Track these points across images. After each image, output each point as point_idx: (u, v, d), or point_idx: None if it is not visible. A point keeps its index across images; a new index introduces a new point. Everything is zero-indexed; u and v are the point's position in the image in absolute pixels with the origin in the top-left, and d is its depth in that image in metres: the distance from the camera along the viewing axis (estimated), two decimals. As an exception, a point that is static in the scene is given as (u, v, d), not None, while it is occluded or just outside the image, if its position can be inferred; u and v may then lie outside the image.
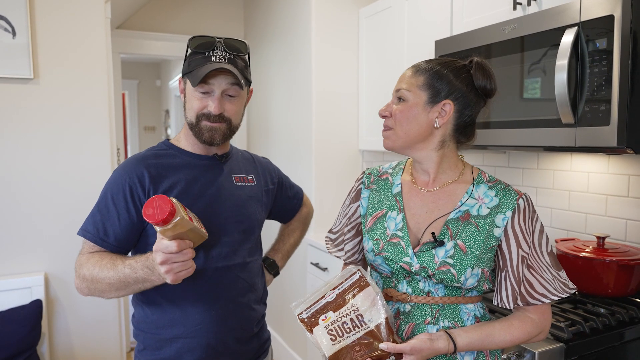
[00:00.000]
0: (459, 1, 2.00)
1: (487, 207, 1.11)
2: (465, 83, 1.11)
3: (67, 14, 2.47)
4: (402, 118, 1.12)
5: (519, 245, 1.09)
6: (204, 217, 1.26)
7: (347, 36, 2.89)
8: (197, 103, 1.27)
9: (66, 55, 2.48)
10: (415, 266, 1.10)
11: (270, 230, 1.73)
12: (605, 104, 1.34)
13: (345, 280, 1.11)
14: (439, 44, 1.94)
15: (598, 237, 1.66)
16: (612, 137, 1.33)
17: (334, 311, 1.06)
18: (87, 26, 2.52)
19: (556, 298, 1.09)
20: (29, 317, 2.30)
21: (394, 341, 1.03)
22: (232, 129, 1.32)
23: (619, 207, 1.76)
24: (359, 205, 1.27)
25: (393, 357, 1.02)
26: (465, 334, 1.06)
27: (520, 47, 1.58)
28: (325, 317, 1.06)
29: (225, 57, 1.28)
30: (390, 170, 1.27)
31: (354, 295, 1.07)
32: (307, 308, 1.09)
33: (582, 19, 1.38)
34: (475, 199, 1.13)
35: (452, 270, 1.08)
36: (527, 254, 1.09)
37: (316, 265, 2.75)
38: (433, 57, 1.96)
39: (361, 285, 1.09)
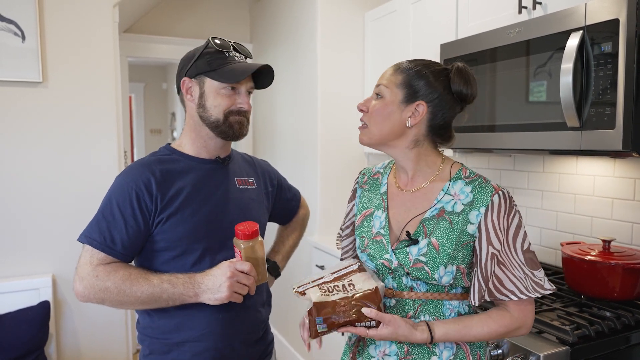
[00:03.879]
0: (465, 5, 2.01)
1: (462, 204, 1.12)
2: (442, 86, 1.13)
3: (76, 18, 2.50)
4: (377, 115, 1.15)
5: (489, 242, 1.09)
6: (210, 221, 1.29)
7: (352, 39, 2.90)
8: (225, 100, 1.29)
9: (74, 58, 2.51)
10: (394, 263, 1.13)
11: (268, 231, 1.75)
12: (610, 108, 1.34)
13: (345, 268, 1.17)
14: (444, 47, 1.95)
15: (604, 241, 1.66)
16: (617, 141, 1.33)
17: (328, 282, 1.13)
18: (95, 30, 2.54)
19: (525, 297, 1.07)
20: (37, 318, 2.33)
21: (379, 309, 1.05)
22: (249, 123, 1.37)
23: (625, 211, 1.75)
24: (354, 205, 1.33)
25: (373, 323, 1.04)
26: (443, 325, 1.08)
27: (526, 50, 1.59)
28: (320, 283, 1.13)
29: (241, 58, 1.33)
30: (382, 170, 1.31)
31: (350, 275, 1.14)
32: (304, 284, 1.14)
33: (588, 23, 1.39)
34: (451, 195, 1.13)
35: (426, 268, 1.10)
36: (499, 251, 1.08)
37: (321, 267, 2.76)
38: (439, 60, 1.97)
39: (360, 270, 1.15)
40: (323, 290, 1.09)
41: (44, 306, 2.37)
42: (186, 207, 1.26)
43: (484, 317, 1.10)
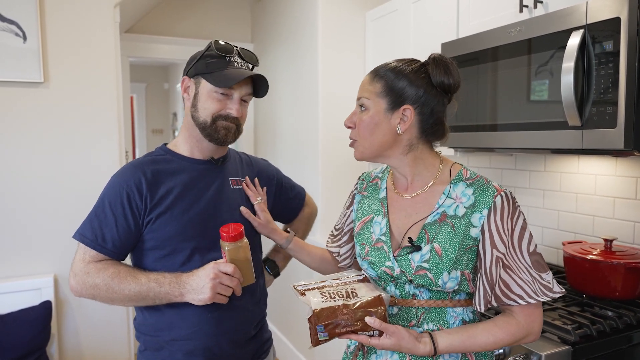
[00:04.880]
0: (465, 4, 2.00)
1: (464, 207, 1.08)
2: (423, 84, 1.08)
3: (77, 19, 2.50)
4: (364, 129, 1.11)
5: (493, 246, 1.05)
6: (200, 221, 1.30)
7: (353, 39, 2.90)
8: (215, 104, 1.30)
9: (76, 59, 2.51)
10: (397, 270, 1.10)
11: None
12: (611, 106, 1.34)
13: (350, 276, 1.15)
14: (445, 46, 1.94)
15: (605, 240, 1.66)
16: (619, 140, 1.33)
17: (331, 287, 1.10)
18: (96, 30, 2.55)
19: (533, 301, 1.04)
20: (39, 318, 2.33)
21: (383, 318, 1.02)
22: (240, 131, 1.36)
23: (627, 210, 1.75)
24: (351, 211, 1.31)
25: (376, 332, 1.02)
26: (447, 336, 1.04)
27: (527, 49, 1.58)
28: (321, 290, 1.10)
29: (244, 65, 1.33)
30: (380, 175, 1.28)
31: (353, 283, 1.12)
32: (305, 284, 1.13)
33: (589, 22, 1.38)
34: (452, 198, 1.10)
35: (429, 275, 1.06)
36: (504, 254, 1.05)
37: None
38: (439, 59, 1.97)
39: (364, 280, 1.14)
40: (325, 296, 1.05)
41: (46, 306, 2.38)
42: (175, 207, 1.28)
43: (489, 325, 1.06)
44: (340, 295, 1.06)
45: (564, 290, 1.08)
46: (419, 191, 1.15)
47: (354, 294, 1.07)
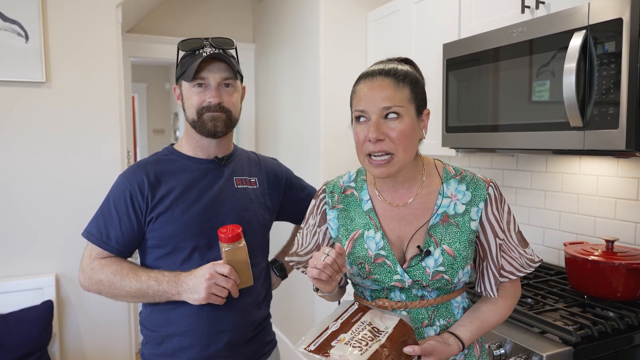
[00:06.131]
0: (467, 4, 2.01)
1: (462, 204, 1.10)
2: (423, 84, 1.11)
3: (79, 19, 2.50)
4: (407, 140, 1.03)
5: (495, 235, 1.11)
6: (200, 220, 1.31)
7: (355, 39, 2.90)
8: (195, 98, 1.32)
9: (78, 59, 2.51)
10: (408, 282, 1.08)
11: (285, 232, 1.74)
12: (613, 107, 1.34)
13: (346, 311, 1.10)
14: (447, 47, 1.94)
15: (607, 241, 1.66)
16: (620, 140, 1.33)
17: (345, 332, 1.02)
18: (98, 30, 2.55)
19: (522, 274, 1.13)
20: (40, 317, 2.33)
21: (414, 341, 1.03)
22: (232, 120, 1.36)
23: (628, 211, 1.75)
24: (327, 228, 1.20)
25: (416, 358, 1.01)
26: (465, 328, 1.09)
27: (529, 50, 1.59)
28: (339, 339, 1.01)
29: (215, 51, 1.33)
30: (353, 184, 1.20)
31: (359, 318, 1.06)
32: (313, 341, 1.02)
33: (591, 22, 1.38)
34: (449, 197, 1.11)
35: (446, 277, 1.07)
36: (502, 240, 1.11)
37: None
38: (441, 60, 1.97)
39: (364, 309, 1.09)
40: (357, 347, 0.97)
41: (47, 305, 2.38)
42: (176, 207, 1.31)
43: (493, 307, 1.13)
44: (368, 338, 0.99)
45: (542, 258, 1.18)
46: (414, 195, 1.13)
47: (376, 329, 1.01)
